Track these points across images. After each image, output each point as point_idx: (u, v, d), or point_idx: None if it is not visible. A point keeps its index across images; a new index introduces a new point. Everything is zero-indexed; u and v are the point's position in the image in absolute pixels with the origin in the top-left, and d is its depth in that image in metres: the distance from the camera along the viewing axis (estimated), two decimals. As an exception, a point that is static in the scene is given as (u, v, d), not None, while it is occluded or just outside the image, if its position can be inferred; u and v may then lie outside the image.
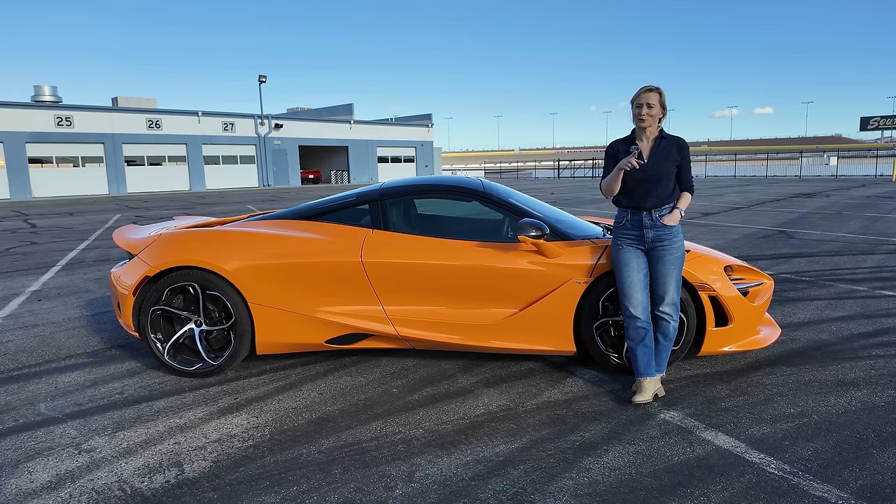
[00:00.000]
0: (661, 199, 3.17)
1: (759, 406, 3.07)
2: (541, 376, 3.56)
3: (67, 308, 5.46)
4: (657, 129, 3.19)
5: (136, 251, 3.78)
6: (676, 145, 3.19)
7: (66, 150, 31.49)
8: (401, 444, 2.74)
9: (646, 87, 3.12)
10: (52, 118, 30.78)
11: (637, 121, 3.15)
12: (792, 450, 2.60)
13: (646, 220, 3.17)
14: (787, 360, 3.74)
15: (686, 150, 3.23)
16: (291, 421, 3.00)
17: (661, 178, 3.15)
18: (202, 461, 2.61)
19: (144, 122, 34.07)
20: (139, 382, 3.57)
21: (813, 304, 5.10)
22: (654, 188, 3.14)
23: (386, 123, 47.94)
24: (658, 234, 3.17)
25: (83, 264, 8.07)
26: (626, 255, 3.18)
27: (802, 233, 9.94)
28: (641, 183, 3.15)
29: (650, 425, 2.88)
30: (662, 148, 3.18)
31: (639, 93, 3.13)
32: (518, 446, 2.69)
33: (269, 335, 3.60)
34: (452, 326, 3.54)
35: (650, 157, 3.16)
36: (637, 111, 3.12)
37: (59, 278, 7.02)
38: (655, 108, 3.11)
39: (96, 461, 2.62)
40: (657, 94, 3.11)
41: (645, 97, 3.10)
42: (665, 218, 3.16)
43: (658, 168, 3.15)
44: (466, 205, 3.92)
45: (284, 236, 3.69)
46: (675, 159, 3.18)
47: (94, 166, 32.46)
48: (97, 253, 9.18)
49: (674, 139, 3.21)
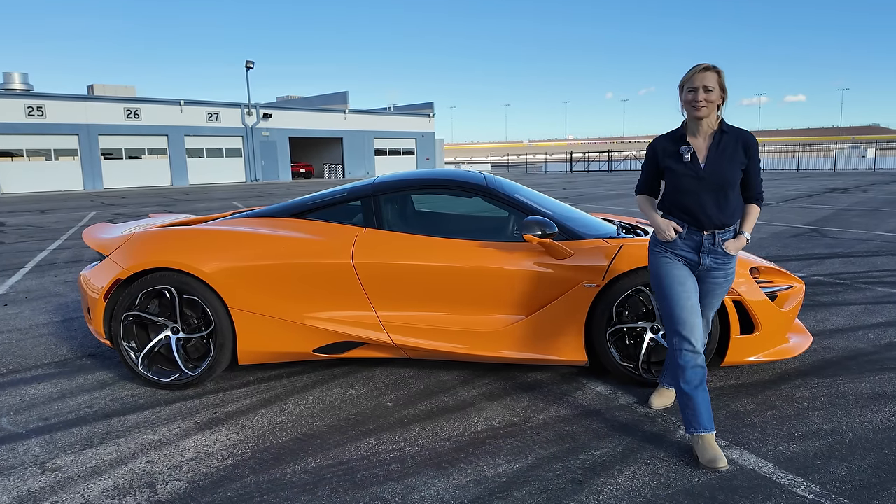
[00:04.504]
0: (726, 216, 2.70)
1: (789, 422, 3.03)
2: (548, 389, 3.53)
3: (35, 313, 5.46)
4: (716, 121, 2.70)
5: (107, 252, 3.77)
6: (742, 141, 2.69)
7: (38, 143, 31.62)
8: (394, 463, 2.72)
9: (701, 67, 2.63)
10: (22, 108, 30.89)
11: (691, 109, 2.65)
12: (824, 470, 2.57)
13: (706, 244, 2.71)
14: (820, 370, 3.71)
15: (755, 148, 2.72)
16: (275, 437, 2.99)
17: (724, 187, 2.66)
18: (177, 482, 2.59)
19: (122, 112, 34.17)
20: (111, 395, 3.55)
21: (848, 309, 5.06)
22: (715, 200, 2.67)
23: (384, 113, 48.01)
24: (716, 261, 2.74)
25: (54, 266, 8.08)
26: (680, 270, 2.72)
27: (836, 231, 9.90)
28: (695, 194, 2.67)
29: (668, 443, 2.85)
30: (724, 146, 2.68)
31: (691, 74, 2.64)
32: (523, 466, 2.67)
33: (251, 343, 3.58)
34: (451, 334, 3.52)
35: (708, 159, 2.67)
36: (691, 97, 2.63)
37: (28, 281, 7.03)
38: (714, 91, 2.62)
39: (61, 481, 2.61)
40: (716, 75, 2.62)
41: (701, 79, 2.61)
42: (728, 244, 2.71)
43: (719, 173, 2.65)
44: (468, 201, 3.90)
45: (269, 235, 3.68)
46: (741, 161, 2.68)
47: (68, 160, 32.58)
48: (69, 254, 9.19)
49: (738, 133, 2.71)
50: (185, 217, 4.64)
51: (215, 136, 37.98)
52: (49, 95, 32.03)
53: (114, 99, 34.44)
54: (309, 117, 42.66)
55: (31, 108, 31.14)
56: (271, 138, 40.24)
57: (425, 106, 50.58)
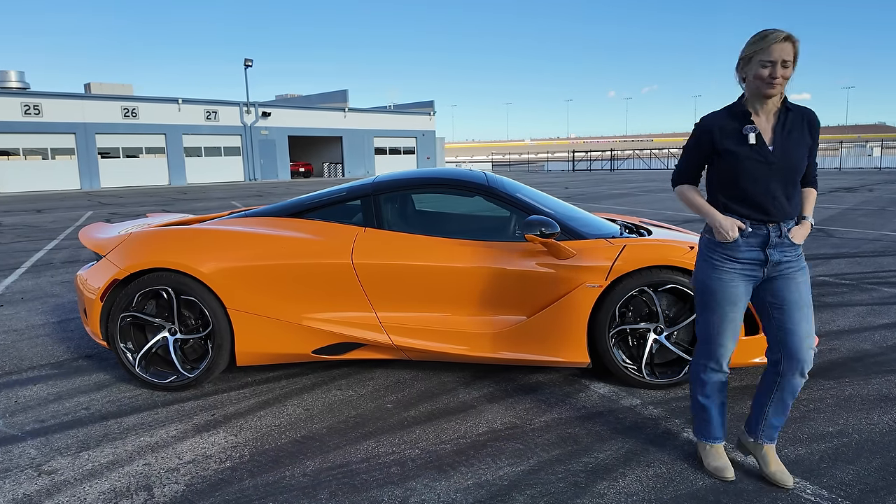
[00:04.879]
0: (794, 205, 2.41)
1: (794, 424, 3.03)
2: (550, 391, 3.53)
3: (31, 314, 5.46)
4: (781, 98, 2.40)
5: (104, 252, 3.77)
6: (807, 120, 2.41)
7: (35, 141, 31.65)
8: (394, 465, 2.71)
9: (780, 36, 2.24)
10: (18, 106, 30.91)
11: (763, 86, 2.30)
12: (830, 473, 2.56)
13: (773, 237, 2.39)
14: (825, 372, 3.70)
15: (818, 127, 2.44)
16: (274, 440, 2.98)
17: (794, 172, 2.37)
18: (174, 484, 2.59)
19: (120, 111, 34.21)
20: (107, 397, 3.55)
21: (854, 310, 5.05)
22: (784, 188, 2.37)
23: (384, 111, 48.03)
24: (785, 254, 2.42)
25: (50, 266, 8.08)
26: (736, 289, 2.44)
27: (842, 231, 9.88)
28: (763, 182, 2.35)
29: (672, 446, 2.84)
30: (790, 126, 2.38)
31: (767, 44, 2.25)
32: (525, 469, 2.66)
33: (250, 344, 3.57)
34: (451, 335, 3.52)
35: (775, 141, 2.36)
36: (765, 72, 2.27)
37: (24, 281, 7.03)
38: (791, 66, 2.29)
39: (57, 484, 2.60)
40: (792, 46, 2.26)
41: (780, 51, 2.23)
42: (793, 233, 2.41)
43: (789, 157, 2.35)
44: (469, 201, 3.89)
45: (267, 235, 3.67)
46: (807, 142, 2.40)
47: (65, 158, 32.60)
48: (66, 254, 9.19)
49: (802, 111, 2.41)
50: (183, 217, 4.64)
51: (213, 135, 38.00)
52: (45, 94, 32.06)
53: (111, 97, 34.47)
54: (308, 116, 42.68)
55: (27, 106, 31.16)
56: (270, 137, 40.25)
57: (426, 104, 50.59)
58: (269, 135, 40.19)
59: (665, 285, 3.37)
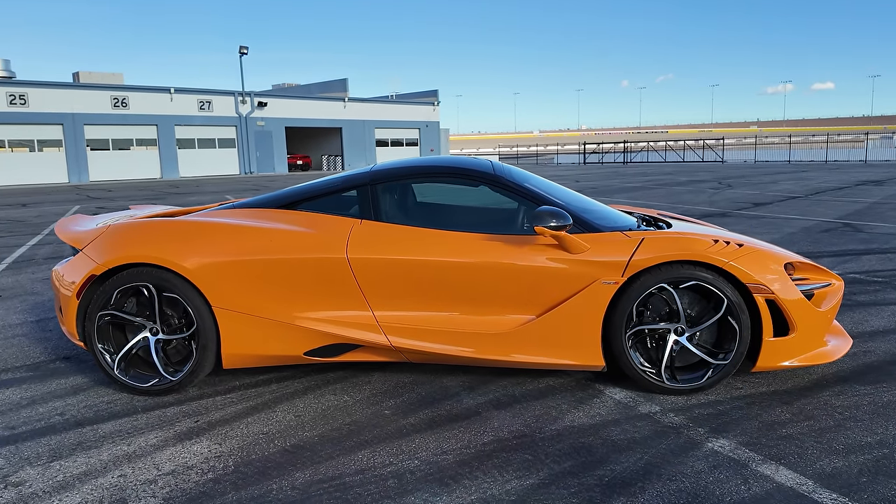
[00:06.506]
0: None
1: (829, 433, 2.94)
2: (562, 396, 3.45)
3: (8, 313, 5.42)
4: None
5: (80, 245, 3.69)
6: None
7: (21, 133, 31.76)
8: (391, 478, 2.64)
9: None
10: (3, 96, 31.02)
11: None
12: (871, 488, 2.46)
13: None
14: (861, 376, 3.61)
15: None
16: (261, 449, 2.91)
17: None
18: (151, 498, 2.51)
19: (109, 101, 34.29)
20: (84, 401, 3.48)
21: (889, 309, 4.96)
22: None
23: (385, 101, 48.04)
24: None
25: (32, 262, 8.06)
26: None
27: (871, 226, 9.77)
28: None
29: (695, 457, 2.75)
30: None
31: None
32: (534, 482, 2.59)
33: (237, 346, 3.51)
34: (454, 335, 3.45)
35: None
36: None
37: (3, 279, 7.01)
38: None
39: (24, 497, 2.53)
40: None
41: None
42: None
43: None
44: (473, 191, 3.83)
45: (256, 228, 3.60)
46: None
47: (53, 151, 32.71)
48: (49, 249, 9.17)
49: None
50: (167, 209, 4.56)
51: (207, 126, 38.07)
52: (32, 83, 32.17)
53: (100, 87, 34.57)
54: (306, 106, 42.71)
55: (13, 96, 31.27)
56: (266, 128, 40.28)
57: (430, 94, 50.56)
58: (266, 126, 40.22)
59: (687, 282, 3.27)
